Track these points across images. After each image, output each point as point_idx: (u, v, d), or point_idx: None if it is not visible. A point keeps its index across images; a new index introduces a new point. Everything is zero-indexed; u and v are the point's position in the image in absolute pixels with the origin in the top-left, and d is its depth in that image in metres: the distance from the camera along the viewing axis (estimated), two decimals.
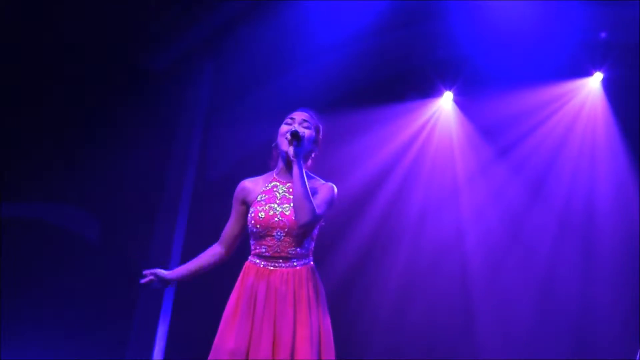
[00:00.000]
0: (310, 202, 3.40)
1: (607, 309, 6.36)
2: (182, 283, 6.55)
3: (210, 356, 3.49)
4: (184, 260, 6.65)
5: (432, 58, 6.91)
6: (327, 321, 3.51)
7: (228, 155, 6.97)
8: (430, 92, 7.06)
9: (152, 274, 3.62)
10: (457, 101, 7.08)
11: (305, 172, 3.56)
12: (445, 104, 7.13)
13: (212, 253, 3.75)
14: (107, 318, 6.49)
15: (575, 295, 6.49)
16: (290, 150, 3.45)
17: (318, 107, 6.73)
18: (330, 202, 3.55)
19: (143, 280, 3.63)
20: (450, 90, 7.05)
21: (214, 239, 7.05)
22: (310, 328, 3.41)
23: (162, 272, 3.65)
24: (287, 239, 3.48)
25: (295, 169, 3.43)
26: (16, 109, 6.34)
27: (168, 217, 6.76)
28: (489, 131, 6.96)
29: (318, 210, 3.43)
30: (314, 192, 3.51)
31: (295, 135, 3.44)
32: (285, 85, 6.85)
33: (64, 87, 6.47)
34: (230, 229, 3.69)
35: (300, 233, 3.48)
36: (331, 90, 6.92)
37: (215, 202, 6.83)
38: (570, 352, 6.40)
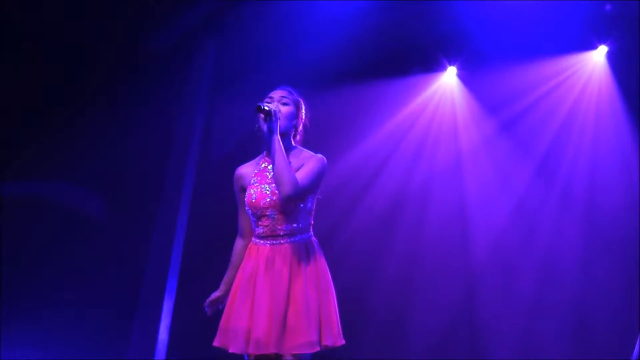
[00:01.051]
0: (290, 174, 3.42)
1: (607, 282, 6.37)
2: (183, 277, 6.65)
3: (216, 339, 3.57)
4: (188, 240, 6.74)
5: (435, 33, 6.87)
6: (330, 297, 3.54)
7: (232, 133, 6.96)
8: (433, 67, 7.03)
9: (210, 303, 3.75)
10: (461, 76, 7.04)
11: (294, 145, 3.64)
12: (448, 78, 7.09)
13: (240, 248, 3.79)
14: (109, 303, 6.52)
15: (576, 269, 6.50)
16: (265, 127, 3.48)
17: (322, 83, 6.82)
18: (319, 173, 3.57)
19: (210, 313, 3.76)
20: (453, 65, 7.01)
21: (217, 218, 7.08)
22: (306, 304, 3.45)
23: (215, 295, 3.77)
24: (280, 217, 3.53)
25: (271, 144, 3.46)
26: (17, 87, 6.32)
27: (172, 196, 6.76)
28: (493, 105, 6.94)
29: (301, 182, 3.45)
30: (301, 164, 3.55)
31: (259, 109, 3.47)
32: (288, 62, 6.82)
33: (66, 66, 6.45)
34: (243, 218, 3.76)
35: (293, 209, 3.53)
36: (334, 66, 6.90)
37: (219, 180, 6.82)
38: (570, 327, 6.42)
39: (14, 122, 6.35)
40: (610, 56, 6.64)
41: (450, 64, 7.03)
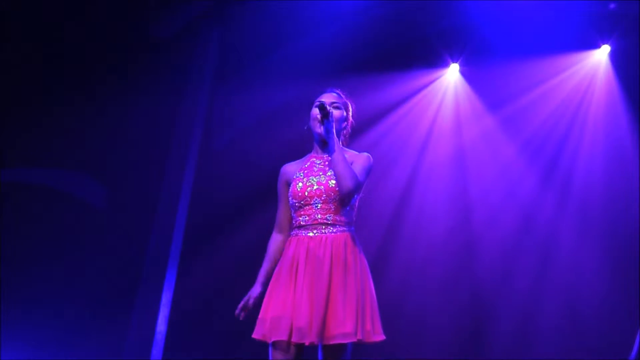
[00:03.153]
0: (350, 169, 3.54)
1: (599, 271, 6.39)
2: (182, 267, 6.65)
3: (256, 330, 3.54)
4: (188, 228, 6.74)
5: (438, 28, 6.86)
6: (367, 292, 3.55)
7: (234, 122, 6.96)
8: (436, 62, 7.03)
9: (244, 306, 3.67)
10: (464, 72, 7.05)
11: (341, 147, 3.70)
12: (451, 75, 7.09)
13: (277, 243, 3.79)
14: (107, 294, 6.50)
15: (571, 262, 6.52)
16: (321, 129, 3.61)
17: (323, 75, 6.82)
18: (369, 170, 3.70)
19: (243, 317, 3.69)
20: (456, 62, 7.01)
21: (218, 208, 7.06)
22: (344, 295, 3.46)
23: (253, 294, 3.68)
24: (324, 206, 3.60)
25: (330, 143, 3.58)
26: (20, 72, 6.31)
27: (173, 185, 6.74)
28: (495, 102, 6.94)
29: (360, 177, 3.59)
30: (351, 162, 3.65)
31: (322, 108, 3.60)
32: (291, 52, 6.83)
33: (70, 54, 6.44)
34: (282, 213, 3.80)
35: (338, 200, 3.59)
36: (337, 58, 6.89)
37: (220, 169, 6.82)
38: (566, 323, 6.43)
39: (16, 110, 6.34)
40: (613, 55, 6.64)
41: (453, 61, 7.03)
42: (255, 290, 3.69)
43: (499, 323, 6.59)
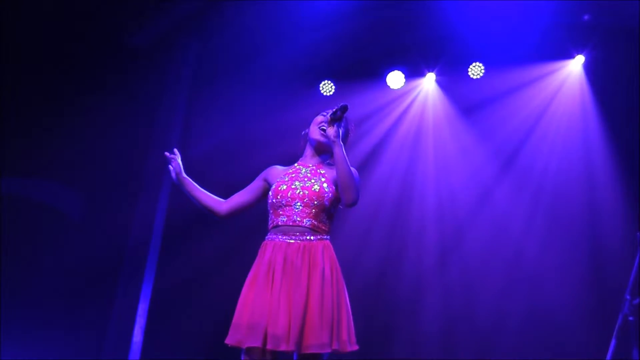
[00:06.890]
0: (356, 182, 3.56)
1: (570, 276, 6.42)
2: (159, 279, 6.62)
3: (230, 335, 3.51)
4: (165, 237, 6.73)
5: (415, 39, 6.93)
6: (342, 302, 3.55)
7: (210, 131, 6.97)
8: (413, 72, 7.08)
9: (174, 159, 3.84)
10: (440, 81, 7.10)
11: (329, 162, 3.76)
12: (427, 84, 7.14)
13: (215, 198, 3.89)
14: (84, 305, 6.48)
15: (540, 266, 6.56)
16: (331, 130, 3.60)
17: (301, 84, 6.84)
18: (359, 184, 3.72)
19: (169, 155, 3.85)
20: (432, 71, 7.07)
21: (195, 216, 7.07)
22: (321, 304, 3.46)
23: (181, 167, 3.85)
24: (304, 210, 3.60)
25: (339, 151, 3.57)
26: None
27: (150, 196, 6.74)
28: (469, 111, 7.00)
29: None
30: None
31: (343, 109, 3.61)
32: (268, 63, 6.85)
33: (47, 63, 6.42)
34: (239, 193, 3.86)
35: (318, 206, 3.59)
36: (313, 68, 6.94)
37: (198, 176, 6.81)
38: (535, 320, 6.47)
39: None
40: (587, 66, 6.72)
41: (429, 71, 7.08)
42: (181, 169, 3.84)
43: (469, 327, 6.62)
